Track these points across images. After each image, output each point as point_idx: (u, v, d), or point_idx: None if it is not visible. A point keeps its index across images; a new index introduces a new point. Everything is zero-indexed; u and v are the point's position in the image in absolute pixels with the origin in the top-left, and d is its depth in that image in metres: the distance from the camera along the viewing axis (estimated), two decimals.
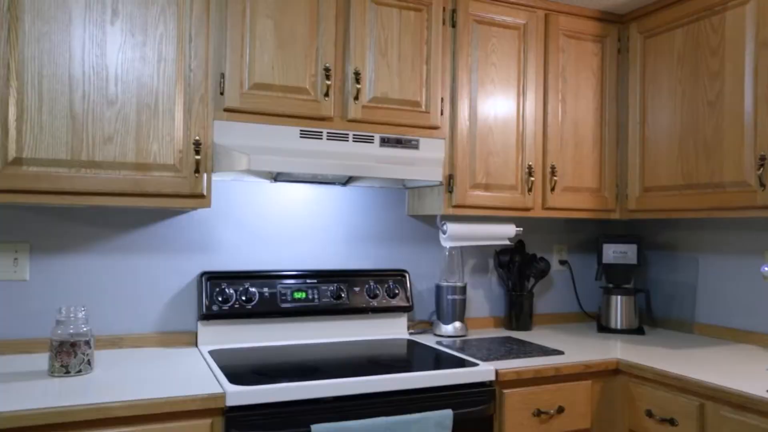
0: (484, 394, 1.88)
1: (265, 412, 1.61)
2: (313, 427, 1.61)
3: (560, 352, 2.16)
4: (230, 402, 1.58)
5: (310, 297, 2.28)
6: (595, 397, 2.09)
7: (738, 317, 2.43)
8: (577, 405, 2.04)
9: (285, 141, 2.01)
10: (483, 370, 1.89)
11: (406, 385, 1.77)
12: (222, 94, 1.93)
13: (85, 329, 1.73)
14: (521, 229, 2.56)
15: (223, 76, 1.93)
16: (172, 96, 1.86)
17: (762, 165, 1.97)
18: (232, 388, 1.60)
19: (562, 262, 2.88)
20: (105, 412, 1.46)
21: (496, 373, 1.91)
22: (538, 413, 1.97)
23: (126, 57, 1.79)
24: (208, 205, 1.93)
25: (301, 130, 2.03)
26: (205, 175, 1.90)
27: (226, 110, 1.94)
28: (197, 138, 1.88)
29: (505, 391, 1.93)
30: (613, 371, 2.11)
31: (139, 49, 1.81)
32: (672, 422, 1.88)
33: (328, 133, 2.06)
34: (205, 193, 1.91)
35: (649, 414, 1.96)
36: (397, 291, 2.41)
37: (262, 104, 1.97)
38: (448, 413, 1.76)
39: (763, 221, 2.35)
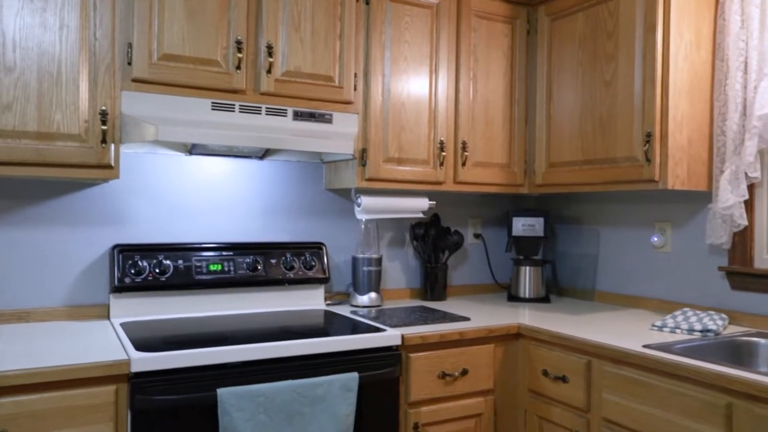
0: (390, 357, 1.97)
1: (171, 378, 1.64)
2: (219, 390, 1.66)
3: (466, 319, 2.27)
4: (135, 368, 1.60)
5: (226, 269, 2.30)
6: (497, 360, 2.22)
7: (632, 284, 2.62)
8: (481, 367, 2.16)
9: (196, 113, 2.01)
10: (389, 335, 1.98)
11: (313, 350, 1.84)
12: (130, 64, 1.92)
13: None
14: (434, 202, 2.66)
15: (130, 46, 1.91)
16: (76, 64, 1.83)
17: (648, 141, 2.13)
18: (136, 355, 1.62)
19: (477, 236, 3.01)
20: (2, 381, 1.45)
21: (402, 337, 2.00)
22: (443, 375, 2.08)
23: (25, 23, 1.75)
24: (117, 176, 1.92)
25: (212, 102, 2.03)
26: (112, 146, 1.89)
27: (135, 81, 1.93)
28: (104, 108, 1.86)
29: (411, 354, 2.03)
30: (515, 335, 2.24)
31: (38, 15, 1.77)
32: (564, 379, 2.03)
33: (240, 105, 2.07)
34: (113, 164, 1.89)
35: (545, 373, 2.11)
36: (313, 263, 2.47)
37: (172, 75, 1.97)
38: (353, 376, 1.84)
39: (654, 195, 2.53)
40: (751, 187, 2.18)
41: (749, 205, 2.18)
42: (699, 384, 1.63)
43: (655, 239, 2.49)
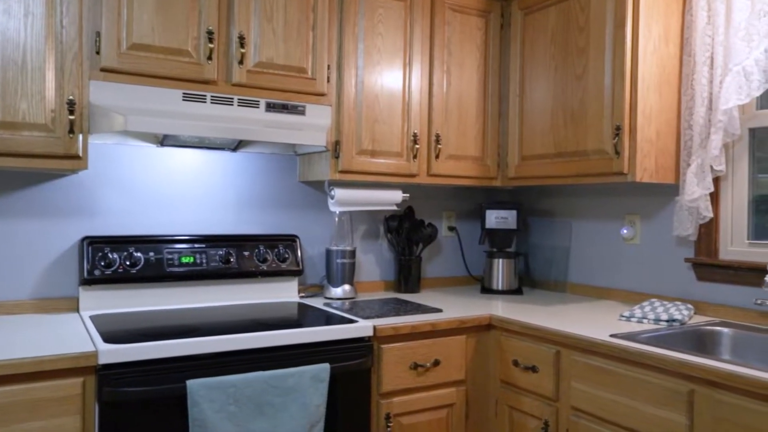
0: (362, 348, 1.98)
1: (140, 370, 1.63)
2: (189, 382, 1.65)
3: (439, 310, 2.29)
4: (103, 360, 1.58)
5: (198, 261, 2.29)
6: (469, 351, 2.24)
7: (603, 276, 2.66)
8: (453, 358, 2.18)
9: (167, 103, 1.99)
10: (361, 326, 1.99)
11: (284, 341, 1.84)
12: (98, 53, 1.89)
13: None
14: (408, 195, 2.67)
15: (98, 34, 1.89)
16: (42, 53, 1.79)
17: (617, 134, 2.16)
18: (104, 347, 1.60)
19: (451, 229, 3.03)
20: None
21: (374, 328, 2.01)
22: (415, 366, 2.09)
23: None
24: (85, 167, 1.89)
25: (183, 93, 2.01)
26: (80, 136, 1.86)
27: (103, 70, 1.90)
28: (71, 97, 1.83)
29: (383, 346, 2.04)
30: (486, 326, 2.27)
31: (2, 2, 1.73)
32: (534, 369, 2.06)
33: (212, 96, 2.06)
34: (80, 154, 1.87)
35: (516, 363, 2.13)
36: (287, 255, 2.46)
37: (142, 65, 1.94)
38: (325, 367, 1.84)
39: (624, 187, 2.57)
40: (716, 180, 2.22)
41: (714, 197, 2.23)
42: (663, 372, 1.66)
43: (625, 231, 2.53)
